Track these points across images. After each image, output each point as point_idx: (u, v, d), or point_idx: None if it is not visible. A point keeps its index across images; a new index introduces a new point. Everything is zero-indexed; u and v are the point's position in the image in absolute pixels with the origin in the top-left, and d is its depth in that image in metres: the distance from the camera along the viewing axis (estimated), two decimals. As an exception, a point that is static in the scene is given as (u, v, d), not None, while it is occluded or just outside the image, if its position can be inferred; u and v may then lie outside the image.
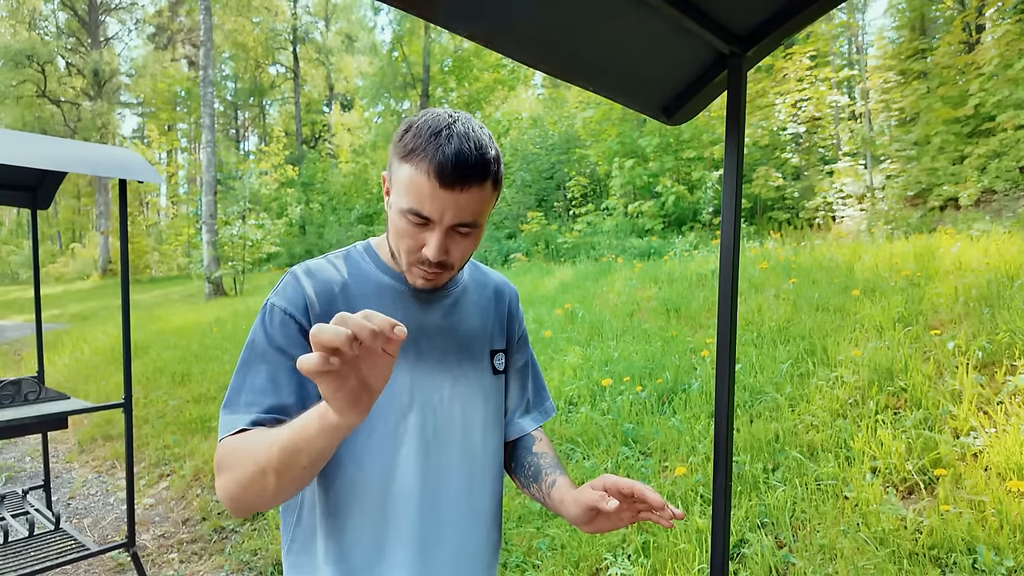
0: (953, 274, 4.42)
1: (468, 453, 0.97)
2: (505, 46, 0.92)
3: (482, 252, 11.64)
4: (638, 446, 3.32)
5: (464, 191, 0.81)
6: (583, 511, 0.88)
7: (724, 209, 1.16)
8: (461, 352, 0.97)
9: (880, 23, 22.90)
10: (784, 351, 3.91)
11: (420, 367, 0.92)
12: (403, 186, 0.83)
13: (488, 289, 1.07)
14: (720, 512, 1.17)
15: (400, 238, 0.87)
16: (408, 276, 0.91)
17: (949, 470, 2.55)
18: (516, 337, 1.10)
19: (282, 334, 0.86)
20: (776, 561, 2.34)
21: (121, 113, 32.25)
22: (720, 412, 1.18)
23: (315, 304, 0.88)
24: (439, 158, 0.79)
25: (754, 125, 10.54)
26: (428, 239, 0.85)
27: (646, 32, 1.05)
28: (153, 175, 2.60)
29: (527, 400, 1.11)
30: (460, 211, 0.83)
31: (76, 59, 27.26)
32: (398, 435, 0.90)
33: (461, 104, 22.28)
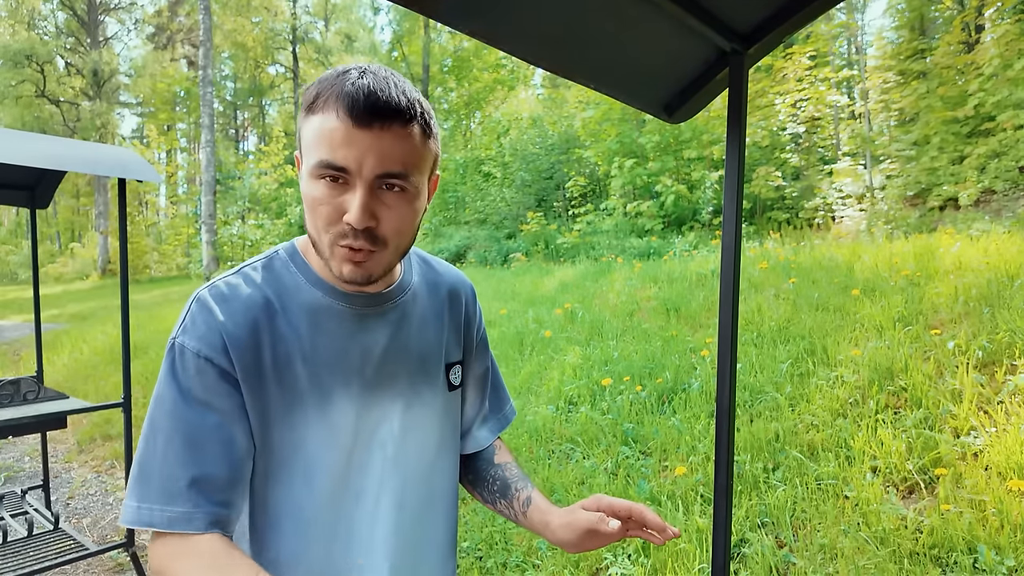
0: (953, 274, 4.42)
1: (423, 485, 0.86)
2: (506, 43, 0.92)
3: (481, 252, 11.63)
4: (638, 446, 3.32)
5: (385, 130, 0.67)
6: (578, 535, 0.81)
7: (725, 207, 1.16)
8: (414, 374, 0.84)
9: (880, 23, 22.94)
10: (784, 351, 3.91)
11: (365, 399, 0.79)
12: (312, 140, 0.69)
13: (441, 291, 0.92)
14: (721, 512, 1.17)
15: (315, 209, 0.70)
16: (333, 265, 0.73)
17: (949, 469, 2.55)
18: (475, 343, 0.97)
19: (199, 383, 0.70)
20: (776, 561, 2.33)
21: (120, 113, 32.25)
22: (721, 411, 1.17)
23: (235, 338, 0.72)
24: (349, 92, 0.66)
25: (754, 125, 10.54)
26: (349, 201, 0.68)
27: (648, 29, 1.05)
28: (152, 174, 2.59)
29: (484, 410, 1.00)
30: (383, 156, 0.67)
31: (75, 59, 27.25)
32: (339, 479, 0.77)
33: (461, 104, 22.28)
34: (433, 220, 14.53)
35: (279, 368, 0.74)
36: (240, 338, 0.72)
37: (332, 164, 0.67)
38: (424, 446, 0.85)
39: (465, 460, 1.00)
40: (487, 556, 2.67)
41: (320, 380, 0.76)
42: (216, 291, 0.75)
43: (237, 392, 0.72)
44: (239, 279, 0.77)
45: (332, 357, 0.77)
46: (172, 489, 0.67)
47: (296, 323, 0.76)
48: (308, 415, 0.75)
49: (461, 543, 2.77)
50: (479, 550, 2.72)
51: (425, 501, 0.86)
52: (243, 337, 0.72)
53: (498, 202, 13.11)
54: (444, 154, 18.56)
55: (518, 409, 3.92)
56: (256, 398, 0.73)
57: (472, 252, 11.93)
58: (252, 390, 0.72)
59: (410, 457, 0.83)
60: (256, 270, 0.78)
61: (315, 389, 0.75)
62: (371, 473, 0.79)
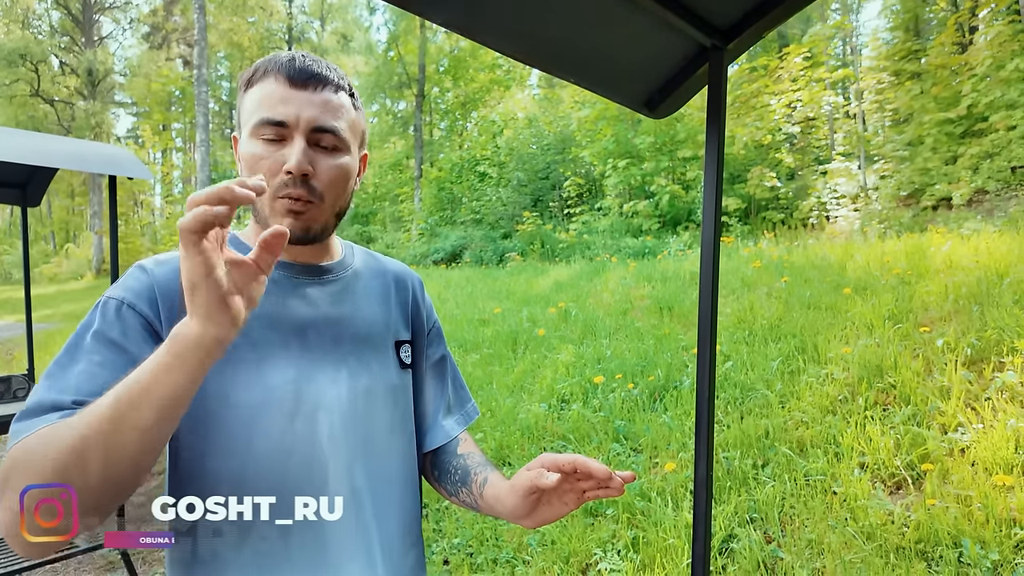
0: (944, 272, 4.45)
1: (377, 463, 0.82)
2: (482, 35, 0.93)
3: (477, 252, 11.64)
4: (629, 443, 3.33)
5: (318, 91, 0.76)
6: (521, 498, 0.75)
7: (705, 203, 1.17)
8: (358, 342, 0.82)
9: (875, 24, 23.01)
10: (775, 348, 3.92)
11: (307, 360, 0.77)
12: (251, 107, 0.76)
13: (386, 276, 0.93)
14: (701, 504, 1.18)
15: (255, 166, 0.75)
16: (273, 220, 0.75)
17: (936, 465, 2.56)
18: (426, 329, 0.96)
19: (118, 327, 0.69)
20: (764, 556, 2.35)
21: (115, 113, 32.18)
22: (701, 404, 1.18)
23: (167, 291, 0.72)
24: (286, 61, 0.76)
25: (749, 125, 10.58)
26: (287, 153, 0.74)
27: (626, 24, 1.06)
28: (142, 171, 2.59)
29: (447, 400, 0.97)
30: (317, 112, 0.75)
31: (70, 58, 27.17)
32: (284, 445, 0.74)
33: (457, 104, 22.27)
34: (429, 220, 14.54)
35: None
36: (172, 292, 0.72)
37: (271, 120, 0.74)
38: (376, 421, 0.82)
39: (430, 456, 0.96)
40: (477, 552, 2.68)
41: (253, 337, 0.74)
42: (155, 259, 0.77)
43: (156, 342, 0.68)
44: (173, 254, 0.77)
45: (267, 316, 0.76)
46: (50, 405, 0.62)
47: None
48: (240, 371, 0.73)
49: (452, 539, 2.78)
50: (469, 546, 2.73)
51: (381, 480, 0.82)
52: (175, 292, 0.72)
53: (494, 202, 13.13)
54: (440, 154, 18.57)
55: (510, 408, 3.92)
56: None
57: (468, 252, 11.94)
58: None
59: (359, 430, 0.80)
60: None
61: (248, 345, 0.74)
62: (317, 444, 0.76)
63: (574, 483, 0.73)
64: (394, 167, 20.15)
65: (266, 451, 0.73)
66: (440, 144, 21.23)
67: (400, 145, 21.38)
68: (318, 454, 0.76)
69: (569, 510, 0.76)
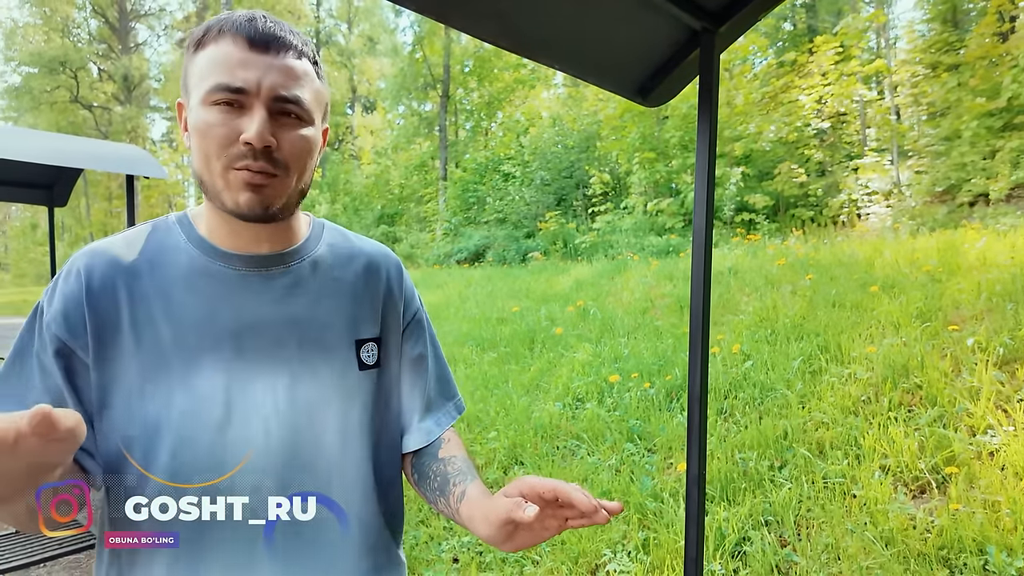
0: (977, 269, 4.28)
1: (323, 469, 0.75)
2: (456, 19, 0.90)
3: (500, 251, 11.64)
4: (643, 442, 3.28)
5: (281, 56, 0.68)
6: (497, 528, 0.68)
7: (696, 196, 1.13)
8: (306, 345, 0.75)
9: (910, 16, 22.37)
10: (797, 348, 3.82)
11: (239, 367, 0.71)
12: (203, 70, 0.68)
13: (355, 263, 0.83)
14: (693, 504, 1.14)
15: (207, 135, 0.67)
16: (227, 196, 0.69)
17: (963, 469, 2.46)
18: (403, 322, 0.86)
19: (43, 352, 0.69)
20: (779, 560, 2.28)
21: (151, 117, 33.04)
22: (693, 402, 1.15)
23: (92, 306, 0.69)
24: (243, 22, 0.68)
25: (777, 121, 10.37)
26: (245, 123, 0.67)
27: (613, 7, 1.02)
28: (158, 170, 2.64)
29: (427, 399, 0.89)
30: (281, 80, 0.68)
31: (107, 65, 28.01)
32: (214, 457, 0.69)
33: (482, 105, 22.31)
34: (452, 220, 14.58)
35: (138, 330, 0.69)
36: (94, 302, 0.69)
37: (229, 86, 0.66)
38: (321, 427, 0.75)
39: (411, 458, 0.89)
40: (487, 551, 2.66)
41: (186, 342, 0.69)
42: (90, 251, 0.72)
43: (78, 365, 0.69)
44: (115, 240, 0.74)
45: (201, 318, 0.71)
46: None
47: (165, 283, 0.71)
48: (172, 381, 0.69)
49: (461, 537, 2.76)
50: (479, 545, 2.71)
51: (329, 492, 0.75)
52: (98, 300, 0.69)
53: (517, 202, 13.10)
54: (465, 155, 18.62)
55: (525, 407, 3.90)
56: (111, 359, 0.69)
57: (491, 252, 11.94)
58: (104, 352, 0.69)
59: (304, 439, 0.73)
60: (136, 233, 0.76)
61: (180, 352, 0.69)
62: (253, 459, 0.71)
63: (556, 510, 0.66)
64: (419, 168, 20.26)
65: (193, 463, 0.69)
66: (465, 144, 21.29)
67: (425, 146, 21.48)
68: (251, 467, 0.70)
69: (550, 535, 0.69)
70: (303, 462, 0.73)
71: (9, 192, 3.31)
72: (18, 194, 3.34)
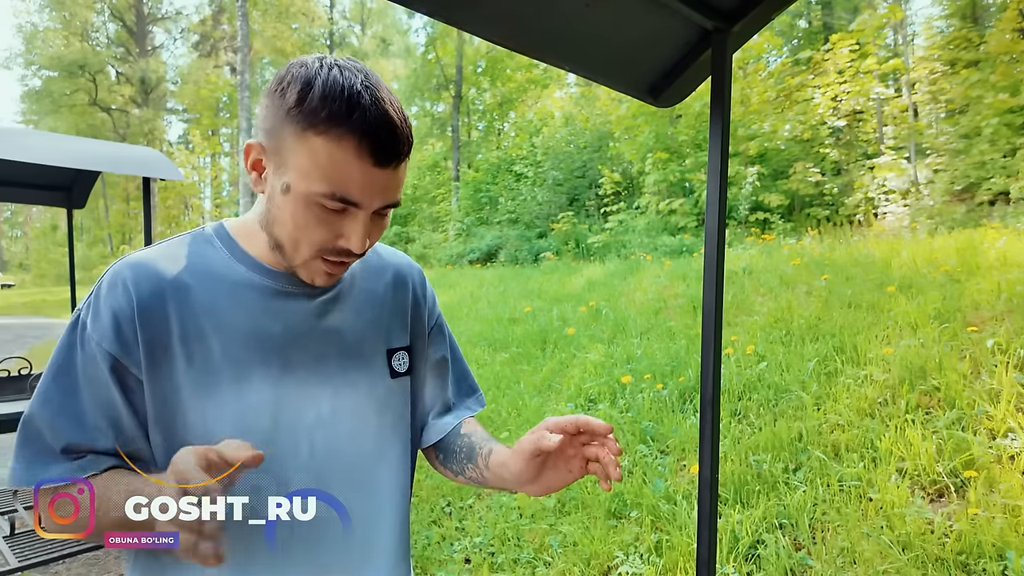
0: (997, 269, 4.21)
1: (361, 476, 0.80)
2: (467, 22, 0.90)
3: (512, 251, 11.64)
4: (656, 444, 3.26)
5: (396, 168, 0.68)
6: (526, 461, 0.73)
7: (709, 196, 1.12)
8: (346, 357, 0.78)
9: (928, 12, 22.07)
10: (812, 349, 3.78)
11: (288, 381, 0.74)
12: (315, 165, 0.65)
13: (385, 275, 0.87)
14: (705, 506, 1.13)
15: (305, 229, 0.68)
16: (303, 272, 0.73)
17: (982, 473, 2.42)
18: (427, 329, 0.91)
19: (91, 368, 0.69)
20: (793, 563, 2.26)
21: (168, 120, 33.46)
22: (705, 406, 1.14)
23: (142, 316, 0.69)
24: (373, 132, 0.64)
25: (791, 119, 10.26)
26: (349, 228, 0.68)
27: (624, 7, 1.02)
28: (173, 172, 2.67)
29: (446, 400, 0.95)
30: (391, 191, 0.69)
31: (125, 68, 28.40)
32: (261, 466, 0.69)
33: (494, 105, 22.32)
34: (465, 220, 14.60)
35: (189, 343, 0.70)
36: (145, 316, 0.69)
37: (346, 199, 0.66)
38: (360, 436, 0.79)
39: (431, 449, 0.94)
40: (499, 552, 2.66)
41: (236, 355, 0.71)
42: (132, 264, 0.71)
43: (132, 381, 0.70)
44: (155, 252, 0.73)
45: (250, 332, 0.72)
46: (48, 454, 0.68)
47: (212, 296, 0.72)
48: (222, 392, 0.71)
49: (474, 538, 2.77)
50: (491, 546, 2.71)
51: (366, 497, 0.80)
52: (149, 315, 0.69)
53: (529, 202, 13.10)
54: (478, 155, 18.64)
55: (537, 407, 3.90)
56: (164, 375, 0.70)
57: (503, 252, 11.95)
58: (157, 368, 0.69)
59: (344, 448, 0.77)
60: (174, 245, 0.76)
61: (230, 364, 0.71)
62: (297, 463, 0.74)
63: (578, 446, 0.74)
64: (432, 168, 20.31)
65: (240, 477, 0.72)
66: (477, 145, 21.32)
67: (438, 147, 21.54)
68: (297, 475, 0.73)
69: (574, 478, 0.76)
70: (346, 467, 0.78)
71: (29, 194, 3.37)
72: (38, 196, 3.39)
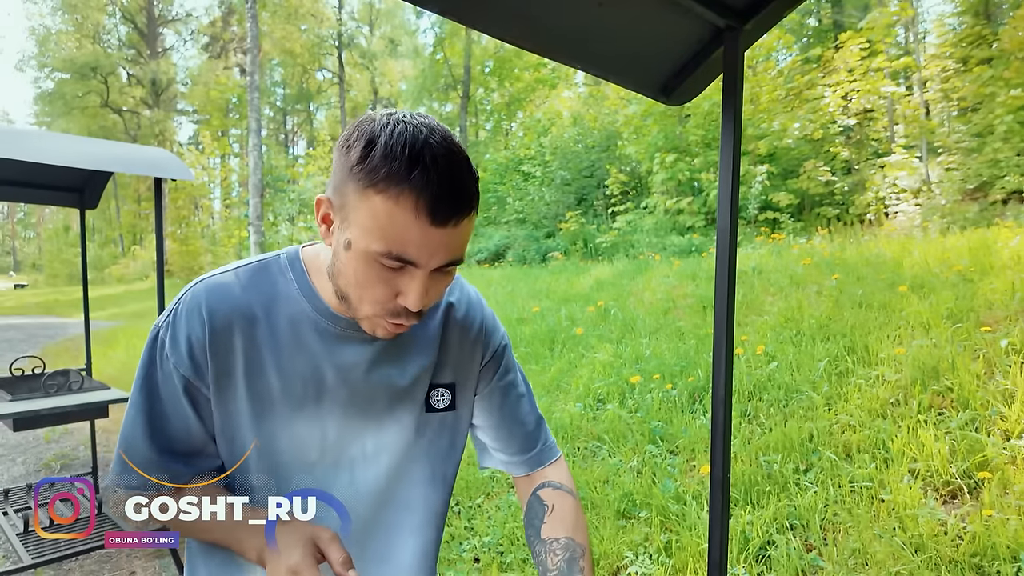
0: (1011, 269, 4.17)
1: (394, 509, 0.84)
2: (479, 20, 0.90)
3: (520, 251, 11.64)
4: (666, 444, 3.25)
5: (457, 226, 0.65)
6: None
7: (720, 195, 1.12)
8: (394, 398, 0.81)
9: (939, 9, 21.88)
10: (823, 349, 3.76)
11: (336, 417, 0.78)
12: (373, 223, 0.64)
13: (437, 312, 0.87)
14: (717, 506, 1.13)
15: (366, 287, 0.69)
16: (366, 325, 0.73)
17: (996, 474, 2.40)
18: (479, 362, 0.90)
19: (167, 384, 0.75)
20: (804, 564, 2.24)
21: (178, 121, 33.71)
22: (717, 406, 1.13)
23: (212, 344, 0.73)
24: (431, 190, 0.62)
25: (801, 118, 10.20)
26: (407, 286, 0.68)
27: (635, 5, 1.01)
28: (185, 172, 2.69)
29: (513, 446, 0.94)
30: (451, 250, 0.67)
31: (136, 70, 28.63)
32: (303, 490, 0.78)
33: (502, 105, 22.34)
34: (473, 220, 14.60)
35: (251, 377, 0.75)
36: (217, 347, 0.73)
37: (403, 258, 0.65)
38: (396, 469, 0.83)
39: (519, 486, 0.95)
40: (507, 551, 2.66)
41: (292, 392, 0.76)
42: (207, 287, 0.75)
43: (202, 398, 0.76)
44: (233, 280, 0.77)
45: (307, 372, 0.76)
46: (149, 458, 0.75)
47: (276, 333, 0.76)
48: (276, 422, 0.76)
49: (483, 537, 2.77)
50: (500, 545, 2.71)
51: (396, 525, 0.85)
52: (218, 346, 0.73)
53: (537, 202, 13.09)
54: (486, 155, 18.64)
55: (545, 407, 3.89)
56: (227, 400, 0.75)
57: (511, 252, 11.94)
58: (223, 393, 0.75)
59: (380, 480, 0.82)
60: (250, 272, 0.78)
61: (286, 400, 0.76)
62: (336, 491, 0.78)
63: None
64: (440, 168, 20.36)
65: (283, 492, 0.76)
66: (485, 145, 21.32)
67: (446, 146, 21.59)
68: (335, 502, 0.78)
69: None
70: (380, 500, 0.83)
71: (43, 195, 3.40)
72: (51, 197, 3.42)
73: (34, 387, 2.94)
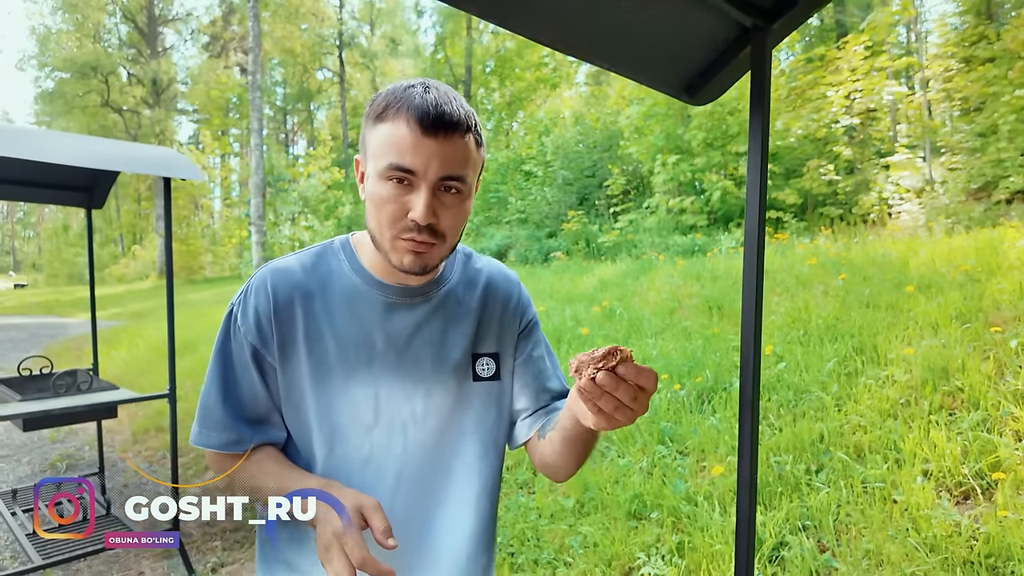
0: (1018, 269, 4.16)
1: (443, 473, 0.90)
2: (518, 24, 0.90)
3: (522, 251, 11.63)
4: (675, 445, 3.24)
5: (448, 139, 0.76)
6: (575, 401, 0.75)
7: (749, 196, 1.11)
8: (439, 362, 0.89)
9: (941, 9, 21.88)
10: (831, 349, 3.75)
11: (387, 379, 0.86)
12: (380, 145, 0.78)
13: (478, 286, 0.95)
14: (744, 507, 1.12)
15: (381, 208, 0.79)
16: (393, 256, 0.81)
17: (1009, 474, 2.39)
18: (516, 334, 0.97)
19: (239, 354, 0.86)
20: (818, 565, 2.24)
21: (178, 120, 33.68)
22: (745, 405, 1.12)
23: (277, 318, 0.85)
24: (419, 104, 0.75)
25: (804, 118, 10.19)
26: (413, 201, 0.77)
27: (661, 4, 1.01)
28: (194, 172, 2.68)
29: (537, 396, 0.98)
30: (446, 161, 0.77)
31: (136, 69, 28.60)
32: (362, 452, 0.86)
33: (503, 104, 22.33)
34: (474, 220, 14.60)
35: (310, 344, 0.85)
36: (281, 318, 0.85)
37: (401, 167, 0.76)
38: (444, 433, 0.90)
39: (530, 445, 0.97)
40: (519, 552, 2.65)
41: (347, 356, 0.85)
42: (273, 270, 0.87)
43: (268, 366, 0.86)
44: (295, 262, 0.89)
45: (359, 338, 0.86)
46: (222, 420, 0.85)
47: (332, 305, 0.87)
48: (334, 386, 0.85)
49: (493, 538, 2.76)
50: (511, 546, 2.71)
51: (444, 487, 0.90)
52: (282, 317, 0.85)
53: (539, 201, 13.08)
54: (487, 154, 18.63)
55: (553, 406, 3.88)
56: (292, 367, 0.85)
57: (513, 251, 11.94)
58: (287, 360, 0.85)
59: (429, 442, 0.89)
60: (310, 256, 0.90)
61: (342, 363, 0.85)
62: (392, 454, 0.87)
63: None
64: (441, 168, 20.34)
65: (345, 456, 0.86)
66: (487, 144, 21.31)
67: (447, 146, 21.58)
68: (391, 463, 0.87)
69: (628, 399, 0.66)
70: (433, 459, 0.89)
71: (50, 194, 3.39)
72: (59, 196, 3.42)
73: (43, 387, 2.93)
